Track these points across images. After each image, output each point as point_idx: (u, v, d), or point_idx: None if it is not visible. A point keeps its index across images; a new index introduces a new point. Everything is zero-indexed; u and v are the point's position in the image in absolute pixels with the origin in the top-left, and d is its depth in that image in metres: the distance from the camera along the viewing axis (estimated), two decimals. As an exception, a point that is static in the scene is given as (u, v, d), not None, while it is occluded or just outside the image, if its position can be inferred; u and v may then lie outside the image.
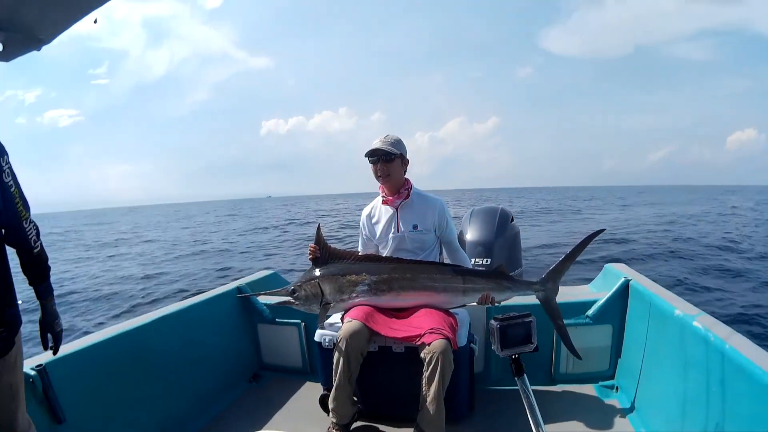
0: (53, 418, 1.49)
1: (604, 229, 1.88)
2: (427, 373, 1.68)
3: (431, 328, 1.71)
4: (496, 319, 1.40)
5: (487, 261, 2.39)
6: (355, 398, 1.93)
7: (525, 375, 1.40)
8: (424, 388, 1.70)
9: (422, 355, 1.70)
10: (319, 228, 1.95)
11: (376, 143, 1.97)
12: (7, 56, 1.36)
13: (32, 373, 1.46)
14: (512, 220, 2.68)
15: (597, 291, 2.36)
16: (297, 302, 1.90)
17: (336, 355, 1.79)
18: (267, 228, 21.17)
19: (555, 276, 1.84)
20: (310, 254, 1.93)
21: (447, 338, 1.68)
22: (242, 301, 2.54)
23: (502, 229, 2.54)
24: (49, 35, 1.33)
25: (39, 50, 1.37)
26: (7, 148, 1.20)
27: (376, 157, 1.97)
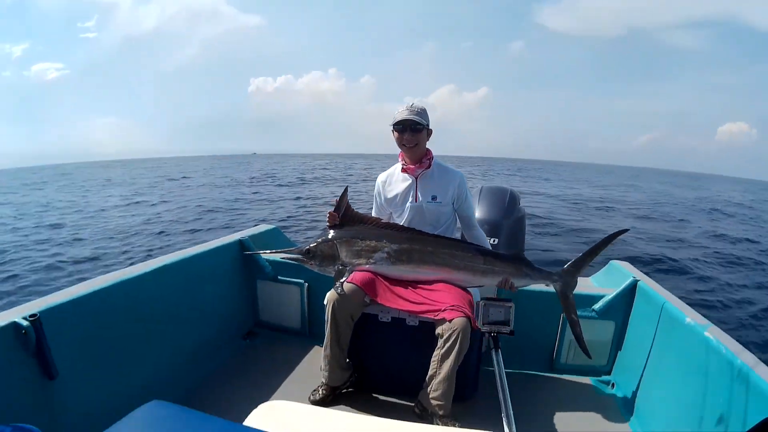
0: (45, 373, 1.37)
1: (627, 230, 1.87)
2: (443, 350, 1.64)
3: (452, 305, 1.66)
4: (483, 299, 1.60)
5: (494, 241, 2.35)
6: (349, 360, 1.91)
7: (500, 351, 1.78)
8: (435, 365, 1.66)
9: (439, 330, 1.65)
10: (345, 190, 1.85)
11: (404, 112, 1.89)
12: None
13: (25, 323, 1.32)
14: (520, 202, 2.64)
15: (599, 286, 2.35)
16: (312, 262, 1.83)
17: (325, 315, 1.78)
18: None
19: (575, 270, 1.80)
20: (328, 220, 1.84)
21: (467, 316, 1.63)
22: (244, 254, 2.46)
23: (511, 210, 2.49)
24: None
25: None
26: None
27: (403, 126, 1.89)
